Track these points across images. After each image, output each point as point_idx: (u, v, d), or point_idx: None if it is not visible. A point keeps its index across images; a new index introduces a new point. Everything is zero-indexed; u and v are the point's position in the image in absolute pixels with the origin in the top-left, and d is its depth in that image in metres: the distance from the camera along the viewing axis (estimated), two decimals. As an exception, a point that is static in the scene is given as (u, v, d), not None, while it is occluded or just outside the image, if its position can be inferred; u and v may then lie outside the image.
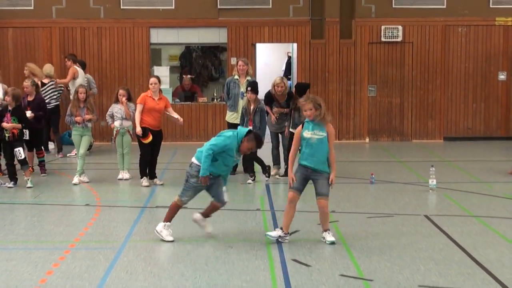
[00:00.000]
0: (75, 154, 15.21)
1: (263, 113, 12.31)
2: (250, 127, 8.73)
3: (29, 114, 12.69)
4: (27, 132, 12.42)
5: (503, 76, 18.26)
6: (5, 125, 11.98)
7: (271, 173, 12.74)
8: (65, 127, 15.99)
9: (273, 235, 8.47)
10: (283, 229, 8.48)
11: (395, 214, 10.08)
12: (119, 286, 7.00)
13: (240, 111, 12.55)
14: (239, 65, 12.94)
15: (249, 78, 12.88)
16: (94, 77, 16.91)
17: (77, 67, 15.70)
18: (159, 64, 18.56)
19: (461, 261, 7.76)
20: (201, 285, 7.01)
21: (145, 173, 12.12)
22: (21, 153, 12.00)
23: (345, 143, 17.84)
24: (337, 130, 17.70)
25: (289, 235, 8.51)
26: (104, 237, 8.97)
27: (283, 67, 24.74)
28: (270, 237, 8.46)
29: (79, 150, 12.54)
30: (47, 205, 10.78)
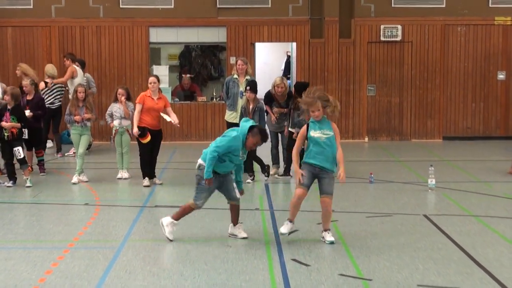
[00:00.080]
0: (73, 153, 15.24)
1: (262, 112, 12.30)
2: (251, 121, 8.63)
3: (28, 113, 12.68)
4: (26, 131, 12.41)
5: (502, 75, 18.26)
6: (4, 124, 11.97)
7: (270, 172, 12.76)
8: (64, 126, 15.97)
9: (285, 231, 8.42)
10: (290, 220, 8.44)
11: (394, 213, 10.08)
12: (118, 285, 7.00)
13: (239, 111, 12.55)
14: (239, 65, 12.93)
15: (248, 77, 12.87)
16: (93, 76, 16.89)
17: (76, 66, 15.70)
18: (159, 63, 18.55)
19: (460, 261, 7.77)
20: (200, 285, 7.01)
21: (146, 173, 12.12)
22: (20, 152, 12.00)
23: (344, 142, 17.68)
24: (336, 129, 17.67)
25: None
26: (103, 236, 8.97)
27: (282, 67, 24.74)
28: (283, 235, 8.45)
29: (78, 149, 12.53)
30: (46, 205, 10.77)
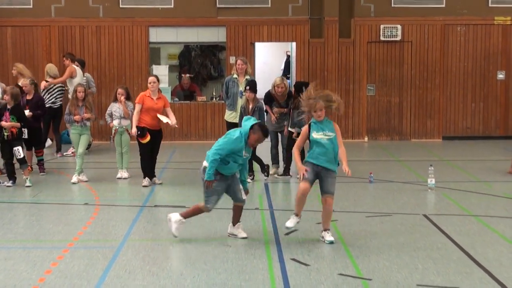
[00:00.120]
0: (71, 153, 15.24)
1: (262, 112, 12.29)
2: (252, 118, 8.60)
3: (27, 113, 12.67)
4: (26, 131, 12.41)
5: (502, 75, 18.27)
6: (4, 124, 11.97)
7: (270, 172, 12.76)
8: (63, 126, 15.96)
9: (291, 224, 8.41)
10: (297, 214, 8.42)
11: (394, 213, 10.08)
12: (117, 285, 7.00)
13: (239, 110, 12.54)
14: (238, 64, 12.91)
15: (248, 77, 12.86)
16: (93, 76, 16.88)
17: (76, 66, 15.69)
18: (158, 63, 18.55)
19: (460, 260, 7.77)
20: (200, 284, 7.00)
21: (147, 173, 12.11)
22: (20, 152, 12.00)
23: (344, 142, 17.49)
24: (336, 129, 17.68)
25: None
26: (103, 236, 8.97)
27: (282, 66, 24.72)
28: (289, 228, 8.44)
29: (78, 149, 12.53)
30: (45, 204, 10.77)
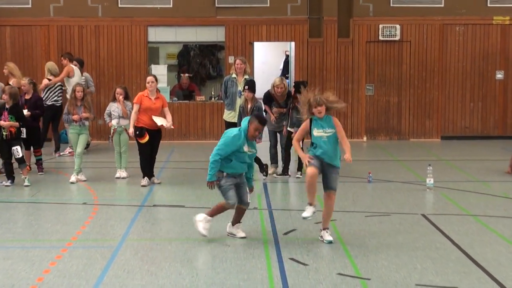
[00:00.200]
0: (68, 152, 15.24)
1: (261, 111, 12.28)
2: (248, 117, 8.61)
3: (26, 112, 12.67)
4: (24, 130, 12.40)
5: (501, 75, 18.27)
6: (2, 123, 11.96)
7: (268, 172, 12.76)
8: (62, 125, 15.96)
9: (308, 214, 8.32)
10: (311, 204, 8.34)
11: (393, 213, 10.08)
12: (116, 284, 7.00)
13: (237, 110, 12.54)
14: (237, 64, 12.92)
15: (246, 76, 12.86)
16: (91, 76, 16.87)
17: (74, 66, 15.67)
18: (157, 62, 18.54)
19: (458, 260, 7.77)
20: (199, 284, 7.00)
21: (146, 172, 12.10)
22: (18, 151, 11.99)
23: (343, 141, 17.78)
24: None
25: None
26: (101, 235, 8.97)
27: (281, 66, 24.74)
28: (306, 218, 8.35)
29: (76, 148, 12.52)
30: (44, 204, 10.76)
